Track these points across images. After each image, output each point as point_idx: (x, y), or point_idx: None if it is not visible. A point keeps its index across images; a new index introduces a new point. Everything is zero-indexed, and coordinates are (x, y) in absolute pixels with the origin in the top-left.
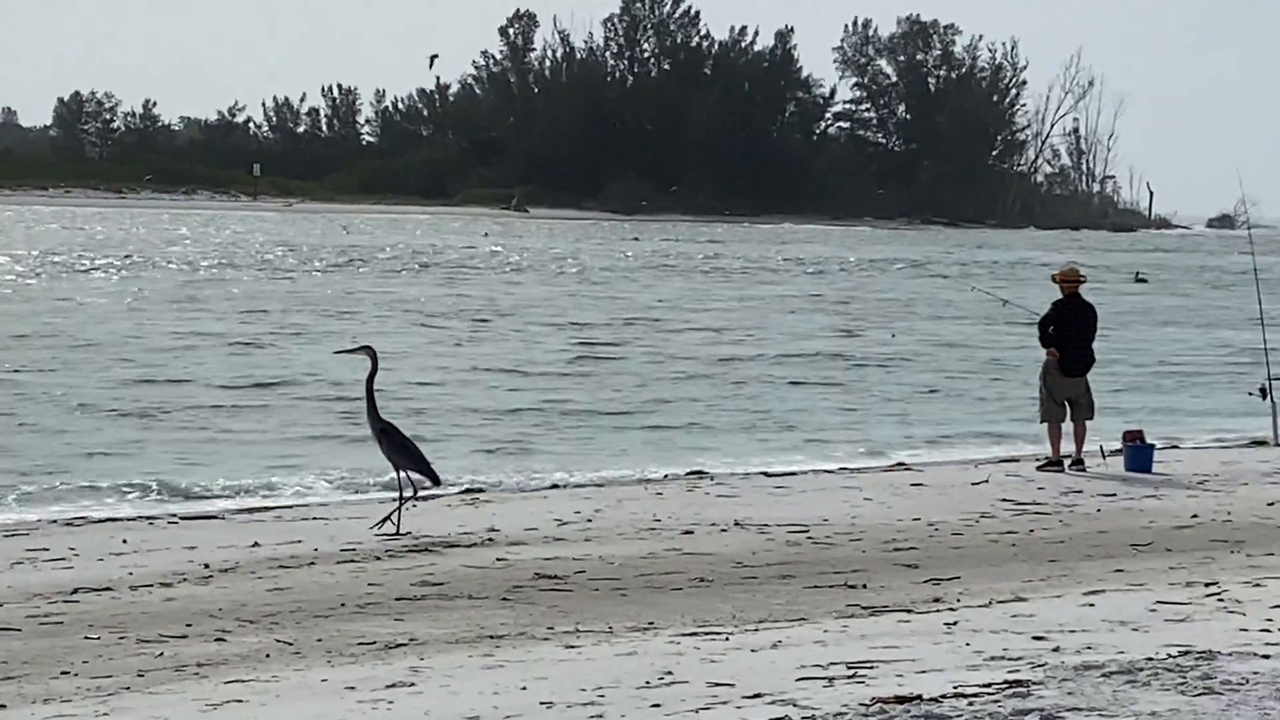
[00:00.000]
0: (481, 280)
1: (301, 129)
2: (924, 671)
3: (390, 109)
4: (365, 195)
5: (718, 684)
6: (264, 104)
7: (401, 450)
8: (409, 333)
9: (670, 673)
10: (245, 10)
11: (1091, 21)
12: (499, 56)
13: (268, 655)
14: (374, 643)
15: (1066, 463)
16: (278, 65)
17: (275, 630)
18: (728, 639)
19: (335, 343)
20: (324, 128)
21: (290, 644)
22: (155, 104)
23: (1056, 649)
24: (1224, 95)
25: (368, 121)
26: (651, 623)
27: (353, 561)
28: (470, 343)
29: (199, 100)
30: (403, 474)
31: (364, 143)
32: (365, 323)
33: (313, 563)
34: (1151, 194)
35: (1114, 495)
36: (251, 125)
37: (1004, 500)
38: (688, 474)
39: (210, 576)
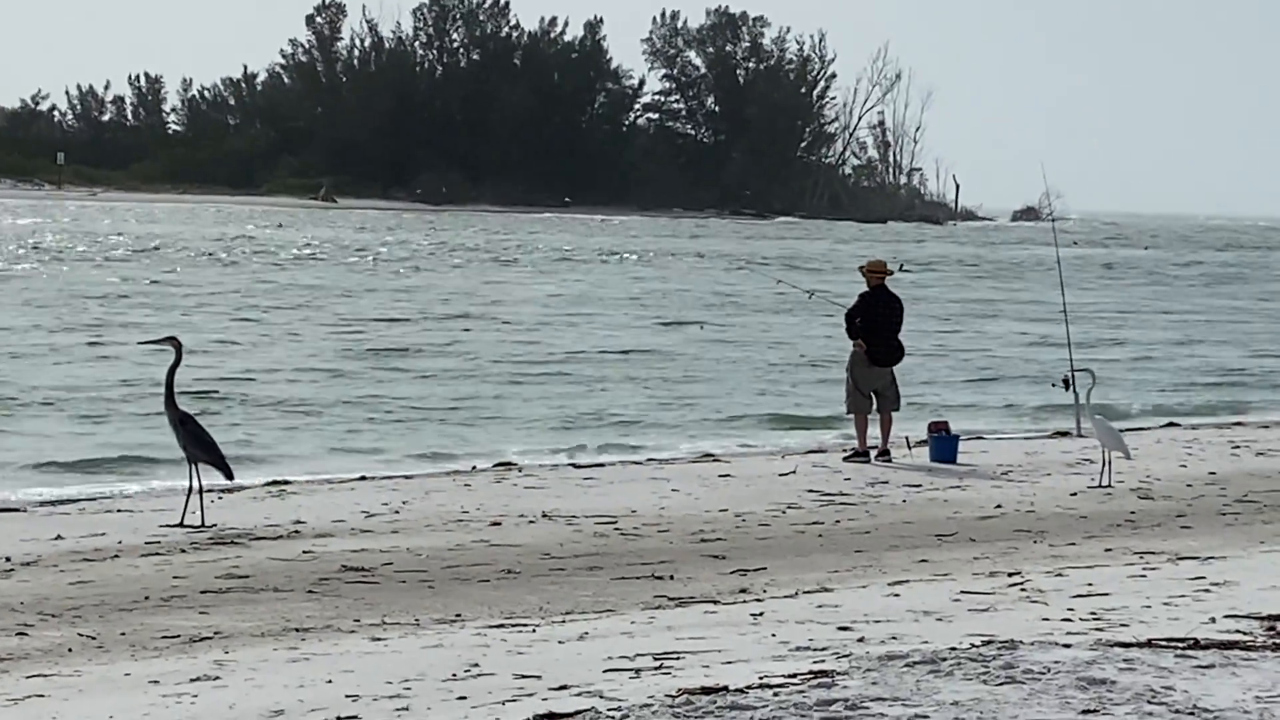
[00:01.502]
0: (279, 271)
1: (107, 117)
2: (730, 662)
3: (197, 98)
4: (171, 185)
5: (524, 676)
6: (68, 92)
7: (197, 441)
8: (203, 324)
9: (477, 665)
10: None
11: (899, 15)
12: (307, 45)
13: (70, 649)
14: (178, 636)
15: (873, 454)
16: (82, 52)
17: (78, 624)
18: (535, 631)
19: (131, 334)
20: (129, 116)
21: (93, 638)
22: None
23: (861, 639)
24: (1030, 90)
25: (174, 110)
26: (458, 615)
27: (157, 554)
28: (270, 333)
29: (1, 87)
30: (196, 466)
31: (170, 132)
32: (164, 314)
33: (116, 556)
34: (958, 186)
35: (919, 486)
36: (56, 113)
37: (811, 491)
38: (495, 465)
39: (11, 570)
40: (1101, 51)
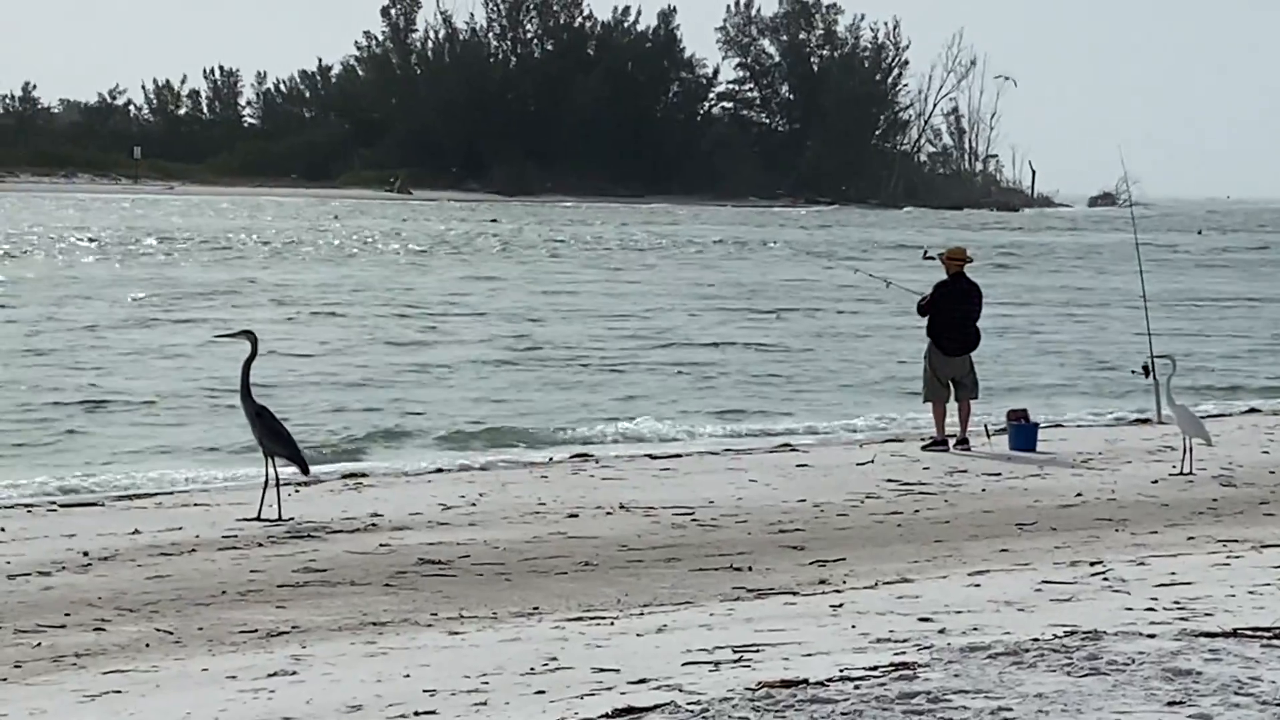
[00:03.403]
0: (357, 262)
1: (182, 111)
2: (810, 655)
3: (272, 91)
4: (247, 178)
5: (603, 669)
6: (144, 86)
7: (273, 434)
8: (264, 318)
9: (555, 658)
10: None
11: (973, 1)
12: (381, 37)
13: (147, 644)
14: (255, 631)
15: (951, 442)
16: (158, 47)
17: (155, 619)
18: (613, 623)
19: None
20: (205, 110)
21: (170, 633)
22: (35, 86)
23: (942, 630)
24: (1106, 75)
25: (249, 103)
26: (536, 608)
27: (234, 548)
28: (333, 326)
29: (79, 82)
30: (273, 460)
31: (245, 125)
32: (235, 307)
33: (193, 550)
34: (1033, 173)
35: (999, 475)
36: (132, 108)
37: (889, 481)
38: (572, 456)
39: (89, 565)
40: (1180, 34)
